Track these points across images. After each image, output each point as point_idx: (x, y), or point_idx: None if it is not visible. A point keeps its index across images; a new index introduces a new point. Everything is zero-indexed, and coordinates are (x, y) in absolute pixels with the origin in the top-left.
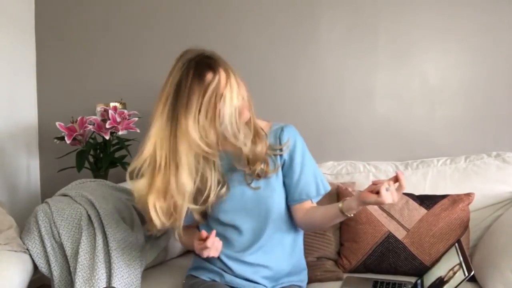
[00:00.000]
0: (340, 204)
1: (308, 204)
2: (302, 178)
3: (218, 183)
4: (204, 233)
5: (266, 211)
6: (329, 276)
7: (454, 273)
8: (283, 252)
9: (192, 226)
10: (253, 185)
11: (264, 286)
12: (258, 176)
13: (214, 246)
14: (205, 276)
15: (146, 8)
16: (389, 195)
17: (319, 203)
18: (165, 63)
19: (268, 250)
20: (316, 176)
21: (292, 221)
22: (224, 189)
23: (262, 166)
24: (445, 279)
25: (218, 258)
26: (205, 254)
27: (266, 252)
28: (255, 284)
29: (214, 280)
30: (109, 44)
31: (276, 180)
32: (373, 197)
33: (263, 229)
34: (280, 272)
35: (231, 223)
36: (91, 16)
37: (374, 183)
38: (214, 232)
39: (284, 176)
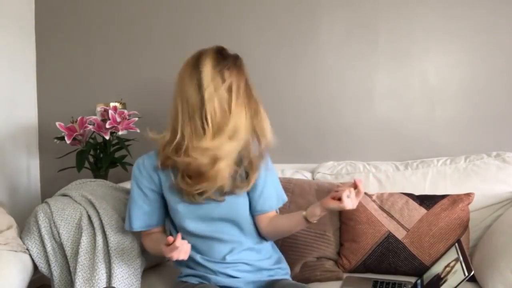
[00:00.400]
0: (303, 212)
1: (271, 213)
2: (264, 191)
3: None
4: (170, 238)
5: (233, 220)
6: (329, 276)
7: (451, 268)
8: (258, 255)
9: (153, 233)
10: (218, 198)
11: (249, 279)
12: (225, 194)
13: (183, 248)
14: (194, 280)
15: (146, 8)
16: (349, 201)
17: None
18: (165, 63)
19: (243, 254)
20: (277, 189)
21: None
22: None
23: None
24: (442, 275)
25: (200, 264)
26: (175, 256)
27: (243, 254)
28: (239, 279)
29: (203, 283)
30: (109, 44)
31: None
32: (335, 203)
33: (234, 237)
34: (259, 265)
35: (198, 233)
36: (91, 16)
37: (336, 190)
38: (179, 235)
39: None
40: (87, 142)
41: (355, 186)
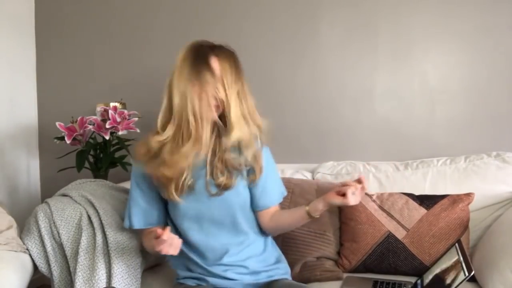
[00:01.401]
0: (306, 208)
1: (273, 209)
2: (267, 186)
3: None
4: (159, 231)
5: (233, 216)
6: (329, 276)
7: (458, 271)
8: (256, 252)
9: (152, 231)
10: (213, 192)
11: (247, 281)
12: (219, 186)
13: (173, 243)
14: (191, 282)
15: (146, 9)
16: (353, 198)
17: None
18: (165, 63)
19: (241, 252)
20: (279, 184)
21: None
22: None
23: (224, 177)
24: (445, 277)
25: (198, 265)
26: (164, 250)
27: (240, 255)
28: (237, 281)
29: (200, 285)
30: (109, 44)
31: (241, 185)
32: (339, 199)
33: (233, 235)
34: (257, 268)
35: (196, 231)
36: (91, 16)
37: (343, 185)
38: (168, 228)
39: (249, 183)
40: (87, 142)
41: (359, 181)
